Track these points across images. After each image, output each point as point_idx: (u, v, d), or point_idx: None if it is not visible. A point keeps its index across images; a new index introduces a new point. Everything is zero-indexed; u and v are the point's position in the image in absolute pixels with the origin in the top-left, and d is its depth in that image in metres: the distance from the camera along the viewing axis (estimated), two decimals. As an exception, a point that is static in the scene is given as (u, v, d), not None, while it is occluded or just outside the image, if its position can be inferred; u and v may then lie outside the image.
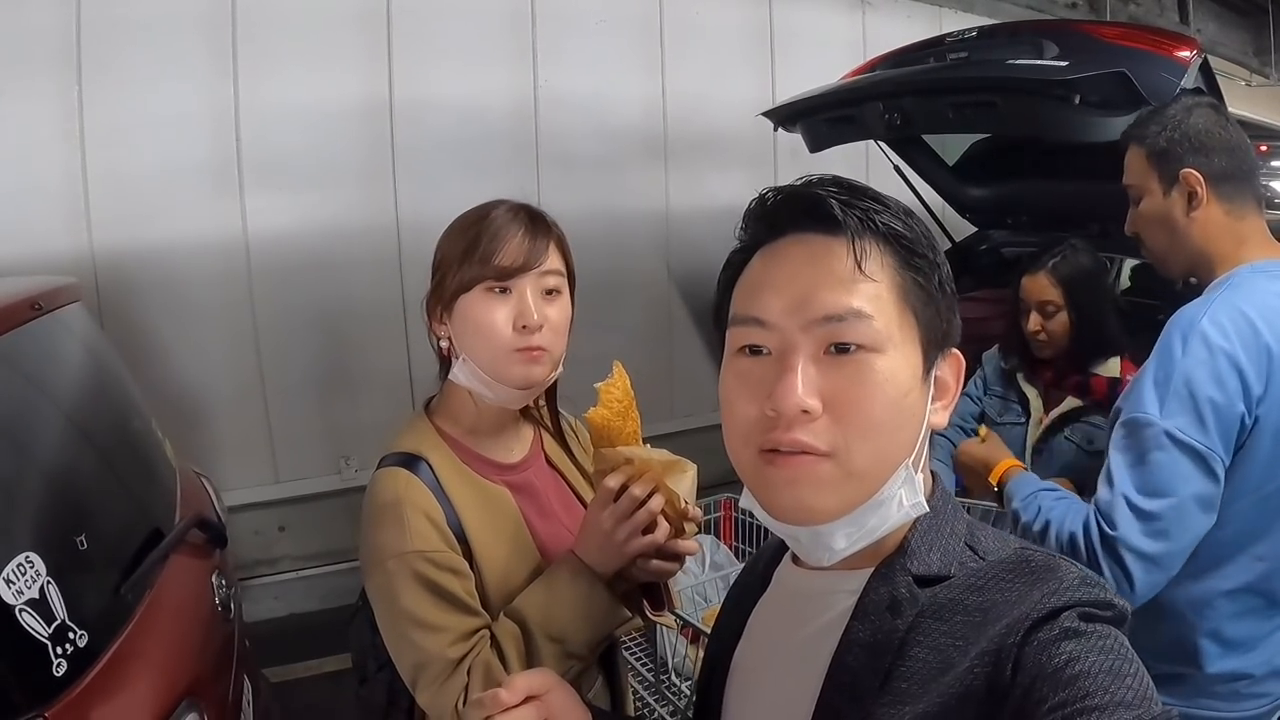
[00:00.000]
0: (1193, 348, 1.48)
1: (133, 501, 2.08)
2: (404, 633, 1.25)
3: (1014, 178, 3.84)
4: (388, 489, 1.30)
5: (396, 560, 1.26)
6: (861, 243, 0.78)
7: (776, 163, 5.47)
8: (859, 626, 0.80)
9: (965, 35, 2.97)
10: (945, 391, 0.85)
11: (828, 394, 0.76)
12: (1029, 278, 2.48)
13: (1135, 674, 0.67)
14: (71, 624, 1.45)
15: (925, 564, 0.81)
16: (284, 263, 4.02)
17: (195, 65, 3.76)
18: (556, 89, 4.69)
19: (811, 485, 0.77)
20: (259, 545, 4.17)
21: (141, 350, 3.67)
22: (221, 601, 2.06)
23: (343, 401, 4.28)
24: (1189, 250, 1.64)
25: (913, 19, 5.95)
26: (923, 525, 0.83)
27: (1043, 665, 0.68)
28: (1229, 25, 8.34)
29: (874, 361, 0.77)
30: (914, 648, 0.76)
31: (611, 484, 1.26)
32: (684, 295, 5.31)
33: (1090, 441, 2.41)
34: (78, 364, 2.24)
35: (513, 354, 1.32)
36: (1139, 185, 1.68)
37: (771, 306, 0.79)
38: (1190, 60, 2.40)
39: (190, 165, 3.78)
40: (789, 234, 0.82)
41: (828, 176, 0.84)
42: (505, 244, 1.31)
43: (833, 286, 0.77)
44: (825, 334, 0.77)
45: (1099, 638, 0.69)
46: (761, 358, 0.80)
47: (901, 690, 0.75)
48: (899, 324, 0.78)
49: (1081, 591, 0.73)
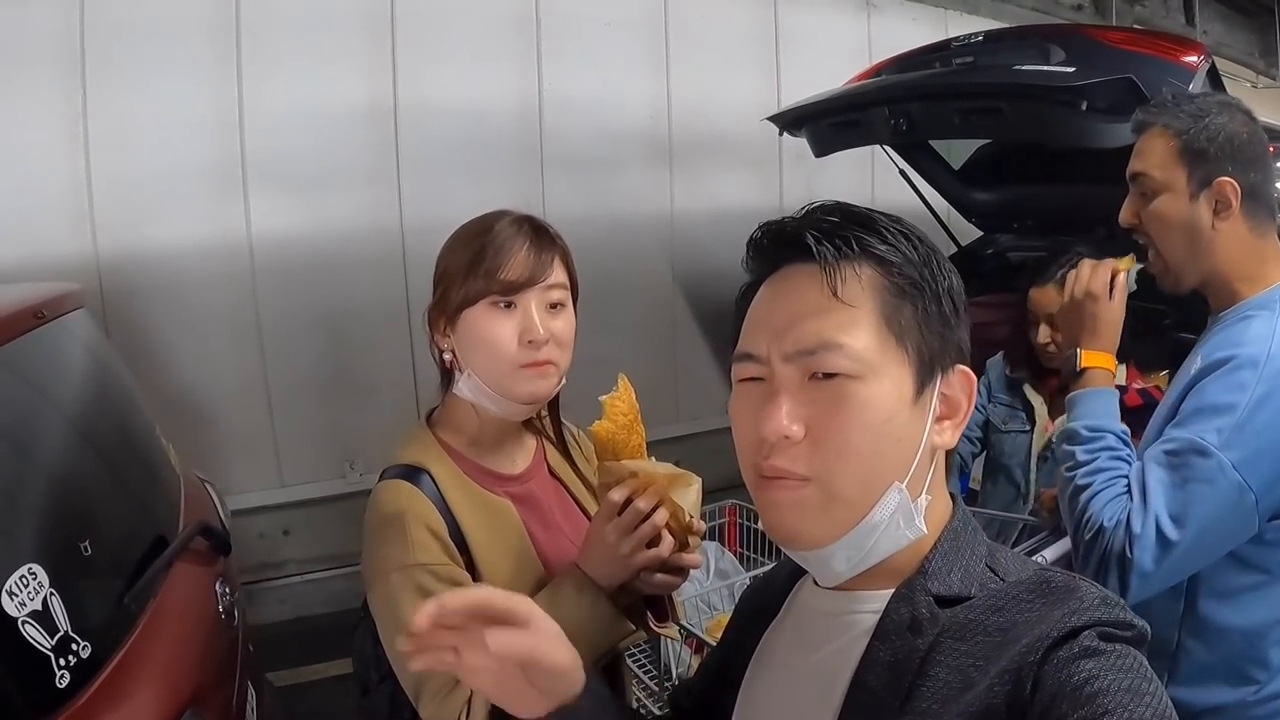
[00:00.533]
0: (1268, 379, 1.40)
1: (136, 509, 2.07)
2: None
3: (1019, 182, 3.82)
4: (390, 501, 1.30)
5: (399, 573, 1.25)
6: (840, 270, 0.80)
7: (782, 165, 5.48)
8: (880, 647, 0.80)
9: (970, 40, 2.96)
10: (954, 409, 0.85)
11: (809, 421, 0.79)
12: (1037, 290, 2.49)
13: (1154, 693, 0.67)
14: (75, 635, 1.44)
15: (946, 585, 0.81)
16: (288, 265, 4.02)
17: (199, 67, 3.77)
18: (561, 91, 4.69)
19: (794, 510, 0.80)
20: (264, 549, 4.16)
21: (145, 353, 3.67)
22: (225, 609, 2.06)
23: (347, 405, 4.28)
24: (1207, 263, 1.55)
25: (918, 21, 5.94)
26: (943, 546, 0.84)
27: (1062, 683, 0.68)
28: (1235, 26, 8.33)
29: (853, 389, 0.78)
30: (935, 667, 0.77)
31: (616, 498, 1.26)
32: (688, 298, 5.30)
33: None
34: (81, 371, 2.24)
35: (519, 370, 1.31)
36: (1160, 178, 1.54)
37: (760, 342, 0.83)
38: (1198, 66, 2.39)
39: (195, 168, 3.79)
40: (782, 266, 0.85)
41: (829, 203, 0.86)
42: (510, 258, 1.30)
43: (809, 318, 0.80)
44: (805, 365, 0.80)
45: (1118, 657, 0.70)
46: (758, 384, 0.83)
47: (922, 710, 0.76)
48: (880, 349, 0.79)
49: (1101, 611, 0.73)
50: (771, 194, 5.55)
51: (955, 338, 0.84)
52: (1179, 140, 1.52)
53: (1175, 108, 1.56)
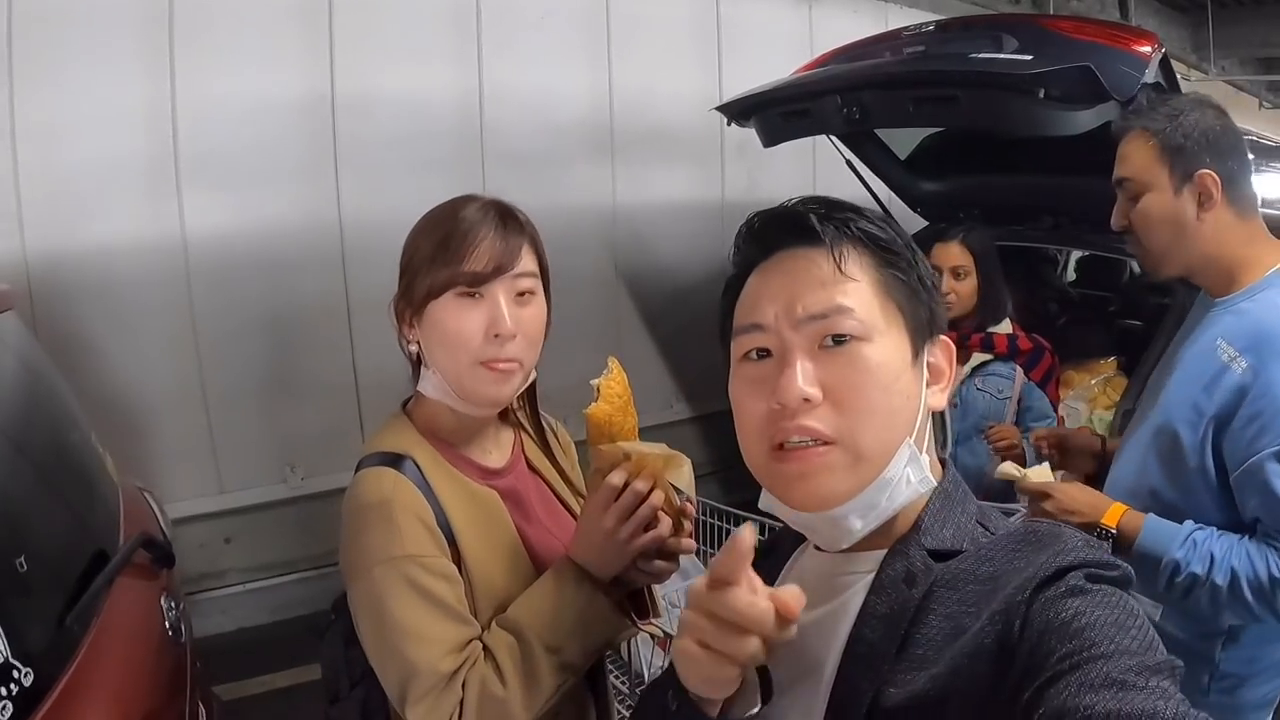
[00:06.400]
0: None
1: (74, 523, 1.96)
2: (392, 644, 1.19)
3: (966, 172, 3.87)
4: (373, 489, 1.23)
5: (384, 565, 1.19)
6: (840, 248, 0.87)
7: (724, 157, 5.48)
8: (876, 600, 0.85)
9: (922, 29, 2.97)
10: (939, 375, 0.93)
11: (826, 383, 0.84)
12: (942, 245, 2.76)
13: (1139, 626, 0.71)
14: (15, 661, 1.34)
15: (939, 539, 0.86)
16: (224, 263, 3.87)
17: (130, 59, 3.59)
18: (501, 84, 4.60)
19: (824, 473, 0.84)
20: (205, 558, 4.01)
21: (77, 356, 3.51)
22: (171, 625, 1.95)
23: (287, 407, 4.15)
24: (1195, 252, 1.64)
25: (859, 14, 5.96)
26: (935, 505, 0.89)
27: (1049, 620, 0.72)
28: (1168, 22, 8.54)
29: (864, 350, 0.84)
30: (928, 616, 0.82)
31: (616, 481, 1.22)
32: (631, 292, 5.27)
33: (1000, 390, 2.76)
34: (11, 376, 2.12)
35: (478, 369, 1.26)
36: (1143, 179, 1.64)
37: (767, 312, 0.87)
38: (1150, 55, 2.42)
39: (126, 163, 3.62)
40: (777, 251, 0.91)
41: (809, 196, 0.93)
42: (476, 245, 1.25)
43: (817, 288, 0.86)
44: (816, 330, 0.85)
45: (1104, 595, 0.73)
46: (764, 360, 0.88)
47: (917, 656, 0.80)
48: (883, 315, 0.86)
49: (1086, 553, 0.77)
50: (714, 186, 5.54)
51: (936, 309, 0.92)
52: (1157, 140, 1.62)
53: (1150, 110, 1.66)
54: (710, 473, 5.39)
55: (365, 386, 4.26)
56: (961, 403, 2.77)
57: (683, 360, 5.45)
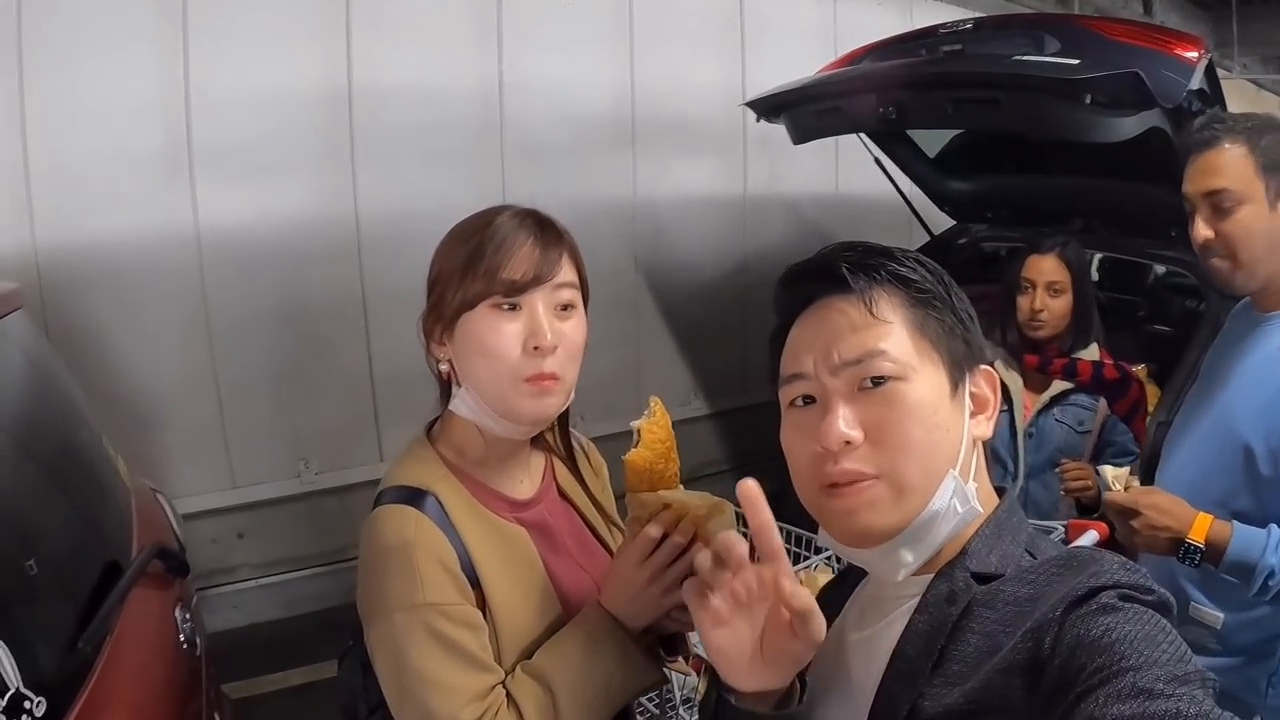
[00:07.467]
0: None
1: (85, 533, 1.90)
2: (411, 691, 1.13)
3: (995, 172, 3.80)
4: (394, 531, 1.17)
5: (405, 614, 1.14)
6: (870, 293, 0.90)
7: (746, 151, 5.42)
8: (919, 619, 0.88)
9: (960, 26, 2.88)
10: (984, 404, 0.95)
11: (866, 423, 0.87)
12: (1038, 257, 2.59)
13: (1170, 640, 0.72)
14: (27, 691, 1.28)
15: (984, 564, 0.89)
16: (237, 255, 3.82)
17: (144, 48, 3.53)
18: (522, 74, 4.53)
19: (869, 508, 0.87)
20: (216, 554, 3.97)
21: (88, 350, 3.46)
22: (186, 637, 1.90)
23: (300, 401, 4.10)
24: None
25: (884, 8, 5.88)
26: (985, 532, 0.91)
27: (1080, 636, 0.73)
28: (1191, 18, 8.46)
29: (902, 388, 0.87)
30: (965, 633, 0.84)
31: (653, 534, 1.16)
32: (651, 286, 5.21)
33: (1080, 422, 2.58)
34: (21, 379, 2.06)
35: (521, 384, 1.19)
36: (1241, 191, 1.67)
37: (806, 361, 0.92)
38: (1197, 61, 2.35)
39: (139, 154, 3.57)
40: (815, 301, 0.94)
41: (842, 244, 0.96)
42: (513, 254, 1.18)
43: (851, 334, 0.89)
44: (853, 374, 0.89)
45: (1135, 612, 0.74)
46: (810, 407, 0.92)
47: (953, 672, 0.83)
48: (918, 353, 0.89)
49: (1121, 575, 0.78)
50: (736, 180, 5.48)
51: (974, 341, 0.94)
52: (1255, 155, 1.67)
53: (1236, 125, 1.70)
54: (727, 470, 5.35)
55: (380, 380, 4.22)
56: (1037, 433, 2.59)
57: (702, 356, 5.40)
